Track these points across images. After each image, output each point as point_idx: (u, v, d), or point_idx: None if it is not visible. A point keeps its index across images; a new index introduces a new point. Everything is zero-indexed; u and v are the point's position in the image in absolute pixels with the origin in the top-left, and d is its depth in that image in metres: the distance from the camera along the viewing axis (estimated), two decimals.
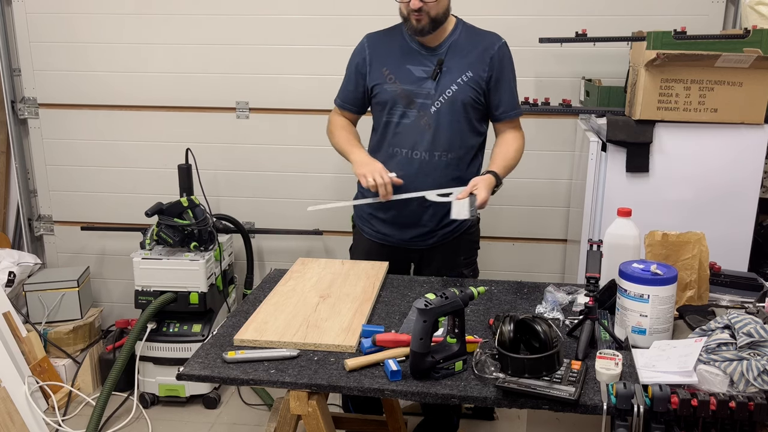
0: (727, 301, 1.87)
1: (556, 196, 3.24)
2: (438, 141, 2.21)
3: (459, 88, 2.19)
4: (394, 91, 2.21)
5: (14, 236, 3.60)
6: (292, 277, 2.13)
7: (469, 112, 2.22)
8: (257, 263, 3.47)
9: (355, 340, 1.70)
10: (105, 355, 3.19)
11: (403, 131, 2.23)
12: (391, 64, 2.22)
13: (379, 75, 2.23)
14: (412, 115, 2.21)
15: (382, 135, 2.29)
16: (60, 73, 3.36)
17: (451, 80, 2.19)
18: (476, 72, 2.20)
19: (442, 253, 2.34)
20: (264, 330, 1.75)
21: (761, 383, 1.41)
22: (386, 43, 2.26)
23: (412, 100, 2.20)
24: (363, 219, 2.40)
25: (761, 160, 2.42)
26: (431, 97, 2.19)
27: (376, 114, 2.32)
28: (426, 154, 2.22)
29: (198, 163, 3.17)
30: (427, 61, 2.21)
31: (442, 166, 2.23)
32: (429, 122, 2.20)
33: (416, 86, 2.20)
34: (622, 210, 1.88)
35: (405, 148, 2.24)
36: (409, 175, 2.22)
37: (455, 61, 2.20)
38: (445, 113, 2.20)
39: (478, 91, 2.21)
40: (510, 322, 1.56)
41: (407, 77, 2.20)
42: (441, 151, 2.22)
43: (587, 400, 1.44)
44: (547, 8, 3.04)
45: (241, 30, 3.21)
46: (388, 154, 2.26)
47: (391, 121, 2.24)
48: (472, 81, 2.19)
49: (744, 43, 2.43)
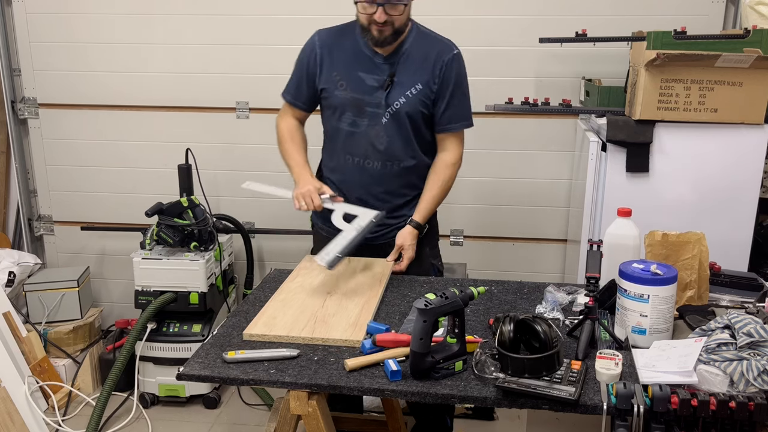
0: (727, 301, 1.87)
1: (556, 196, 3.24)
2: (390, 151, 2.19)
3: (407, 101, 2.15)
4: (344, 97, 2.18)
5: (14, 236, 3.60)
6: (299, 274, 2.15)
7: (419, 124, 2.20)
8: (257, 263, 3.47)
9: (362, 336, 1.72)
10: (105, 355, 3.19)
11: (355, 139, 2.21)
12: (342, 69, 2.18)
13: (329, 78, 2.19)
14: (363, 124, 2.18)
15: (333, 139, 2.27)
16: (60, 73, 3.37)
17: (401, 93, 2.15)
18: (426, 85, 2.16)
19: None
20: (273, 325, 1.78)
21: (761, 383, 1.41)
22: (338, 44, 2.20)
23: (362, 109, 2.17)
24: (324, 218, 2.26)
25: (761, 160, 2.42)
26: (381, 107, 2.16)
27: (326, 116, 2.28)
28: (378, 163, 2.21)
29: (198, 163, 3.17)
30: (378, 70, 2.16)
31: (394, 175, 2.22)
32: (380, 132, 2.18)
33: (367, 95, 2.16)
34: (622, 210, 1.88)
35: (357, 156, 2.22)
36: (362, 183, 2.23)
37: (406, 73, 2.15)
38: (396, 124, 2.17)
39: (427, 103, 2.18)
40: (510, 322, 1.56)
41: (358, 86, 2.16)
42: (393, 161, 2.21)
43: (587, 400, 1.44)
44: (547, 8, 3.04)
45: (241, 30, 3.21)
46: (340, 160, 2.25)
47: (341, 128, 2.22)
48: (421, 94, 2.16)
49: (744, 43, 2.43)
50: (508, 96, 2.91)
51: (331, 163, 2.28)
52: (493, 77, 3.09)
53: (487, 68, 3.08)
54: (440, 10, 3.00)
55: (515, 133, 3.19)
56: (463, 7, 3.09)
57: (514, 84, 3.08)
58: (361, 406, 2.62)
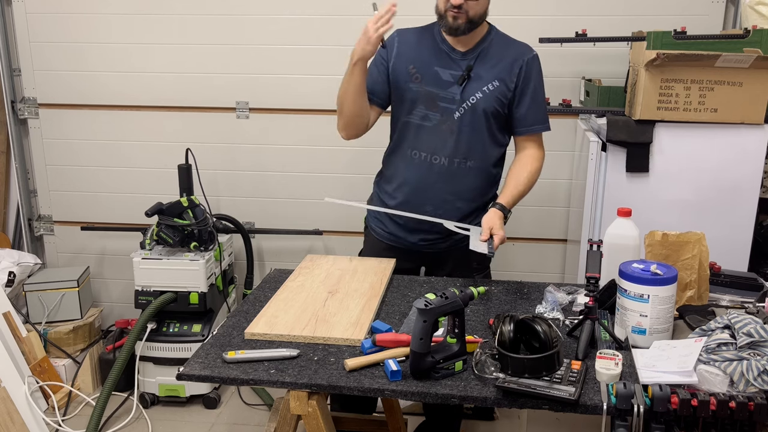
0: (727, 301, 1.87)
1: (556, 196, 3.24)
2: (459, 148, 2.16)
3: (484, 97, 2.14)
4: (417, 90, 2.16)
5: (14, 236, 3.60)
6: (301, 273, 2.15)
7: (492, 122, 2.18)
8: (257, 263, 3.47)
9: (363, 335, 1.72)
10: (105, 355, 3.18)
11: (424, 134, 2.18)
12: (418, 63, 2.16)
13: (404, 71, 2.17)
14: (435, 119, 2.16)
15: (401, 135, 2.23)
16: (60, 73, 3.36)
17: (478, 87, 2.14)
18: (503, 82, 2.15)
19: (454, 258, 2.30)
20: (274, 324, 1.78)
21: (761, 383, 1.41)
22: (417, 40, 2.19)
23: (435, 103, 2.15)
24: (377, 220, 2.34)
25: (761, 160, 2.42)
26: (455, 102, 2.14)
27: (396, 111, 2.25)
28: (446, 159, 2.17)
29: (198, 163, 3.17)
30: (455, 66, 2.15)
31: (461, 174, 2.19)
32: (452, 127, 2.15)
33: (441, 89, 2.14)
34: (622, 210, 1.88)
35: (425, 151, 2.18)
36: (427, 181, 2.19)
37: (484, 69, 2.15)
38: (468, 120, 2.15)
39: (503, 102, 2.16)
40: (510, 322, 1.56)
41: (433, 79, 2.15)
42: (461, 158, 2.18)
43: (587, 400, 1.44)
44: (547, 8, 3.04)
45: (241, 30, 3.21)
46: (406, 156, 2.21)
47: (411, 121, 2.19)
48: (498, 91, 2.15)
49: (744, 43, 2.43)
50: None
51: (397, 159, 2.23)
52: None
53: None
54: None
55: None
56: None
57: None
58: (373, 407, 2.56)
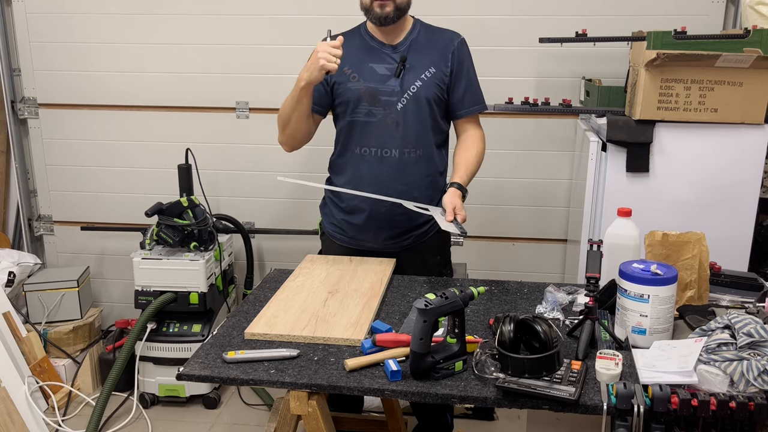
0: (727, 301, 1.87)
1: (556, 196, 3.24)
2: (407, 138, 2.19)
3: (423, 84, 2.17)
4: (357, 89, 2.18)
5: (14, 236, 3.60)
6: (301, 273, 2.15)
7: (435, 110, 2.21)
8: (257, 263, 3.47)
9: (363, 335, 1.72)
10: (105, 355, 3.19)
11: (371, 130, 2.20)
12: (353, 63, 2.19)
13: (340, 74, 2.18)
14: (378, 113, 2.19)
15: (347, 135, 2.25)
16: (60, 73, 3.37)
17: (415, 77, 2.17)
18: (438, 68, 2.19)
19: (417, 254, 2.31)
20: (274, 324, 1.78)
21: (761, 383, 1.41)
22: (347, 43, 2.17)
23: (377, 98, 2.18)
24: (334, 225, 2.34)
25: (761, 160, 2.42)
26: (396, 94, 2.17)
27: (340, 113, 2.26)
28: (396, 151, 2.20)
29: (198, 163, 3.17)
30: (389, 59, 2.19)
31: (412, 164, 2.21)
32: (396, 119, 2.18)
33: (380, 83, 2.17)
34: (622, 210, 1.88)
35: (374, 147, 2.21)
36: (380, 175, 2.21)
37: (417, 58, 2.19)
38: (412, 110, 2.18)
39: (442, 87, 2.20)
40: (510, 322, 1.56)
41: (371, 75, 2.18)
42: (410, 148, 2.20)
43: (587, 400, 1.44)
44: (547, 8, 3.04)
45: (241, 30, 3.21)
46: (356, 154, 2.23)
47: (357, 120, 2.21)
48: (435, 77, 2.18)
49: (744, 43, 2.43)
50: (508, 96, 2.92)
51: (348, 160, 2.25)
52: (493, 77, 3.08)
53: (487, 68, 3.06)
54: (440, 10, 3.00)
55: (515, 133, 3.19)
56: (463, 7, 3.09)
57: (514, 84, 3.08)
58: (360, 406, 2.62)
